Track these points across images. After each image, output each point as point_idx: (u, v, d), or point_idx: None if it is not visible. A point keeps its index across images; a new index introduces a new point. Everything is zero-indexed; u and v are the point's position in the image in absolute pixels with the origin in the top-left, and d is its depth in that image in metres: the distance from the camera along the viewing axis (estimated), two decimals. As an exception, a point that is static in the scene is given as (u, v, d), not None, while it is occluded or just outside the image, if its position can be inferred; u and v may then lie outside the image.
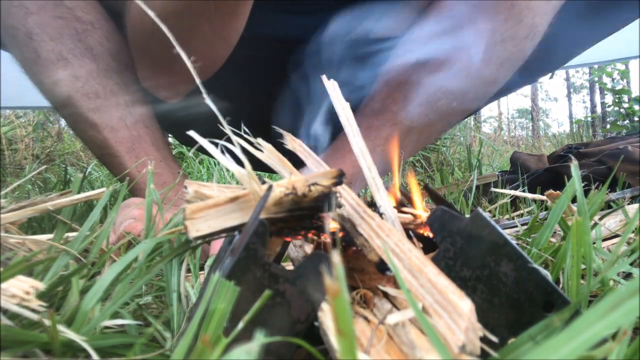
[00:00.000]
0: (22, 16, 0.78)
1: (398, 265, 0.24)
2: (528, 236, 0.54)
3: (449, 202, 0.33)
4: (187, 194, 0.31)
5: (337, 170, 0.29)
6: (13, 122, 3.76)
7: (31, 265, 0.37)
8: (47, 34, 0.79)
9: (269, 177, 2.16)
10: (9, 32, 0.80)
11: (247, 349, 0.17)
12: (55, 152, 3.70)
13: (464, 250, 0.28)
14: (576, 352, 0.16)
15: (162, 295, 0.43)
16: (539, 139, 6.32)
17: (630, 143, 1.23)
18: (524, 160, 1.39)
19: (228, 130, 0.29)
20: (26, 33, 0.78)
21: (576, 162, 0.44)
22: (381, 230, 0.27)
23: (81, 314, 0.30)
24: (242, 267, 0.25)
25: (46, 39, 0.79)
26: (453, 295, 0.21)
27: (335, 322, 0.15)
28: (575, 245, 0.35)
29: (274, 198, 0.28)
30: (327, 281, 0.14)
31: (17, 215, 0.44)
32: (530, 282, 0.27)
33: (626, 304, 0.16)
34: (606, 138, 1.66)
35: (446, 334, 0.20)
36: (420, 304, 0.22)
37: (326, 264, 0.26)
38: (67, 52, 0.81)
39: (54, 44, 0.79)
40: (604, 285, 0.39)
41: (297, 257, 0.39)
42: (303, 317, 0.26)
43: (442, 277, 0.23)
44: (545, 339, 0.23)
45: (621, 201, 0.86)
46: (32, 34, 0.78)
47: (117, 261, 0.35)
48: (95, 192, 0.48)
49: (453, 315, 0.21)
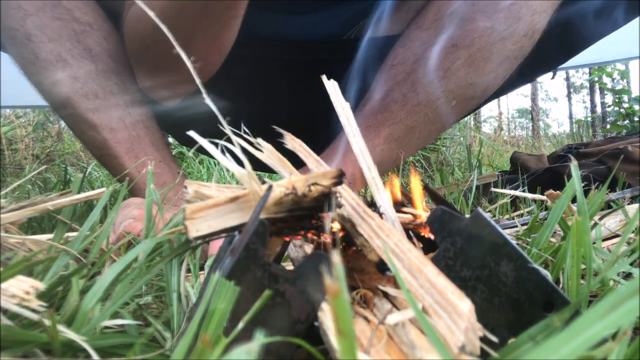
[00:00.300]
0: (20, 17, 0.78)
1: (398, 266, 0.24)
2: (528, 236, 0.54)
3: (449, 202, 0.33)
4: (187, 194, 0.31)
5: (337, 170, 0.29)
6: (13, 122, 3.76)
7: (31, 265, 0.37)
8: (46, 35, 0.79)
9: (269, 177, 2.16)
10: (8, 34, 0.80)
11: (247, 349, 0.17)
12: (55, 152, 3.70)
13: (464, 250, 0.28)
14: (576, 352, 0.16)
15: (162, 295, 0.43)
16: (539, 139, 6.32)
17: (630, 143, 1.23)
18: (524, 160, 1.39)
19: (228, 130, 0.29)
20: (24, 34, 0.78)
21: (576, 162, 0.44)
22: (381, 230, 0.27)
23: (81, 314, 0.30)
24: (242, 267, 0.25)
25: (45, 40, 0.79)
26: (453, 295, 0.21)
27: (335, 322, 0.15)
28: (575, 245, 0.35)
29: (274, 198, 0.28)
30: (327, 281, 0.14)
31: (17, 215, 0.44)
32: (530, 282, 0.27)
33: (626, 304, 0.16)
34: (606, 138, 1.66)
35: (446, 334, 0.20)
36: (420, 304, 0.22)
37: (326, 264, 0.26)
38: (66, 53, 0.80)
39: (52, 45, 0.79)
40: (604, 285, 0.39)
41: (297, 257, 0.39)
42: (303, 317, 0.26)
43: (441, 277, 0.23)
44: (545, 339, 0.23)
45: (621, 201, 0.86)
46: (31, 35, 0.78)
47: (117, 261, 0.35)
48: (95, 192, 0.48)
49: (453, 315, 0.21)
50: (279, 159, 0.33)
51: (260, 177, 0.31)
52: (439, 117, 0.85)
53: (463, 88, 0.82)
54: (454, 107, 0.84)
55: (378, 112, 0.84)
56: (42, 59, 0.79)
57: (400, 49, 0.86)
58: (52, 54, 0.79)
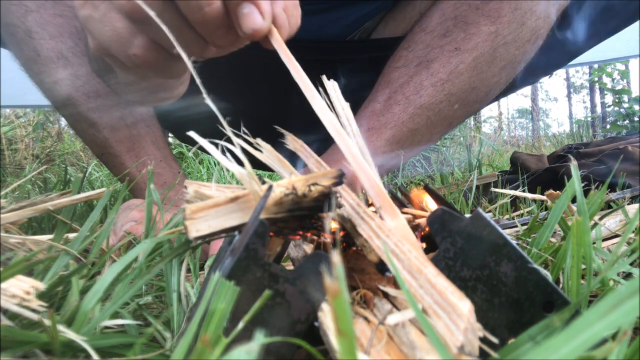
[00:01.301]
0: (21, 14, 0.77)
1: (398, 266, 0.24)
2: (528, 236, 0.54)
3: (449, 202, 0.33)
4: (187, 194, 0.31)
5: (337, 170, 0.29)
6: (13, 122, 3.76)
7: (31, 265, 0.37)
8: (47, 32, 0.79)
9: (268, 177, 2.16)
10: (9, 30, 0.79)
11: (247, 349, 0.17)
12: (55, 152, 3.70)
13: (464, 250, 0.28)
14: (576, 352, 0.16)
15: (162, 295, 0.43)
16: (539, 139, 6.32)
17: (630, 143, 1.23)
18: (524, 160, 1.39)
19: (228, 130, 0.29)
20: (26, 31, 0.78)
21: (576, 162, 0.44)
22: (381, 230, 0.27)
23: (81, 314, 0.30)
24: (242, 267, 0.25)
25: (46, 37, 0.78)
26: (452, 296, 0.21)
27: (335, 322, 0.15)
28: (575, 245, 0.35)
29: (274, 198, 0.28)
30: (327, 281, 0.14)
31: (17, 215, 0.44)
32: (530, 282, 0.27)
33: (626, 304, 0.16)
34: (606, 138, 1.66)
35: (445, 334, 0.20)
36: (420, 305, 0.22)
37: (326, 264, 0.26)
38: (67, 50, 0.80)
39: (54, 42, 0.79)
40: (604, 285, 0.39)
41: (297, 257, 0.39)
42: (303, 317, 0.26)
43: (441, 277, 0.23)
44: (545, 339, 0.23)
45: (621, 201, 0.86)
46: (32, 32, 0.78)
47: (117, 261, 0.35)
48: (95, 192, 0.48)
49: (452, 315, 0.21)
50: (279, 159, 0.33)
51: (260, 177, 0.31)
52: (442, 120, 0.85)
53: (466, 92, 0.82)
54: (457, 110, 0.84)
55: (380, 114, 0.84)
56: (43, 57, 0.79)
57: (403, 51, 0.85)
58: (53, 52, 0.79)
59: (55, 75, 0.80)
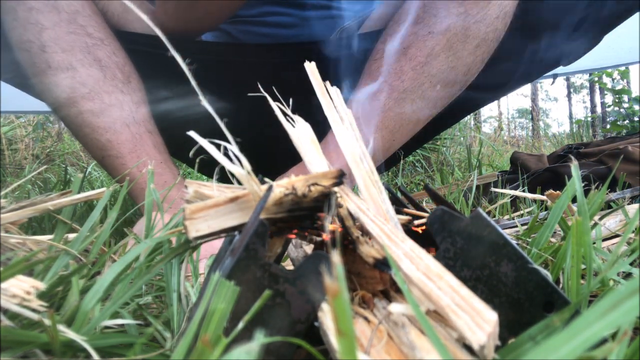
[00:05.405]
0: (37, 31, 0.85)
1: (411, 266, 0.24)
2: (528, 236, 0.54)
3: (449, 202, 0.33)
4: (187, 194, 0.31)
5: (337, 170, 0.29)
6: (13, 122, 3.76)
7: (31, 265, 0.37)
8: (59, 47, 0.86)
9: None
10: (24, 46, 0.86)
11: (247, 349, 0.17)
12: (55, 152, 3.70)
13: (464, 250, 0.28)
14: (576, 352, 0.16)
15: (162, 295, 0.43)
16: (539, 139, 6.32)
17: (630, 143, 1.23)
18: (524, 160, 1.39)
19: (229, 135, 0.29)
20: (40, 46, 0.85)
21: (576, 162, 0.44)
22: (394, 235, 0.27)
23: (81, 314, 0.30)
24: (242, 267, 0.25)
25: (58, 51, 0.86)
26: (479, 304, 0.21)
27: (335, 322, 0.15)
28: (575, 245, 0.35)
29: (274, 198, 0.28)
30: (327, 281, 0.14)
31: (17, 215, 0.44)
32: (530, 282, 0.27)
33: (626, 303, 0.16)
34: (606, 138, 1.66)
35: (466, 332, 0.20)
36: (433, 306, 0.22)
37: (326, 264, 0.26)
38: (77, 62, 0.87)
39: (65, 55, 0.86)
40: (604, 285, 0.39)
41: (297, 257, 0.39)
42: (303, 317, 0.26)
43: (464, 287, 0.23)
44: (545, 339, 0.23)
45: (621, 201, 0.86)
46: (45, 47, 0.85)
47: (117, 261, 0.35)
48: (95, 192, 0.48)
49: (476, 318, 0.20)
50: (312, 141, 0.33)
51: (261, 178, 0.31)
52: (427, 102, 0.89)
53: (445, 72, 0.86)
54: (439, 91, 0.89)
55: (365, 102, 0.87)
56: (54, 68, 0.85)
57: (380, 45, 0.90)
58: (63, 63, 0.86)
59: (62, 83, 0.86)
